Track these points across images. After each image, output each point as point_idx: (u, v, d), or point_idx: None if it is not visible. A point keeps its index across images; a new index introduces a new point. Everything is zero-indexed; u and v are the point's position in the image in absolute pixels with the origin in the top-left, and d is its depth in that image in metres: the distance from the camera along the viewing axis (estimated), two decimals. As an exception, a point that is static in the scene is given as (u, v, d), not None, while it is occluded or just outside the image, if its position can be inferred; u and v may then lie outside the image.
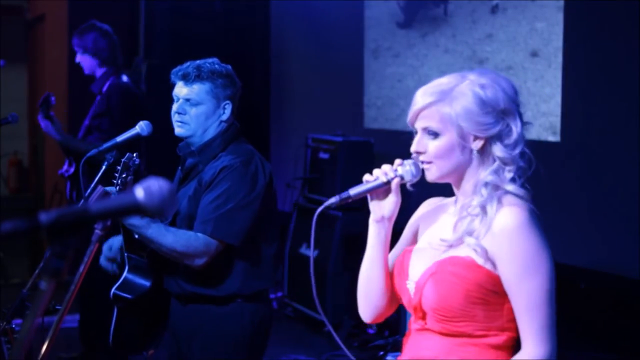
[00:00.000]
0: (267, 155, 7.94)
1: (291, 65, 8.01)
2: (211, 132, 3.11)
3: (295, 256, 6.32)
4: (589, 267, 4.78)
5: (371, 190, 2.13)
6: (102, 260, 3.21)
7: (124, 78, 5.16)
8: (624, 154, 4.62)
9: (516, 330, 2.02)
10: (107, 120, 4.98)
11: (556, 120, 5.01)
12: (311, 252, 2.19)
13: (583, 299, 4.72)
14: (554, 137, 5.02)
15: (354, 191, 2.11)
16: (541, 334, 1.97)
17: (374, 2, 6.83)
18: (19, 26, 9.76)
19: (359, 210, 5.97)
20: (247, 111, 7.25)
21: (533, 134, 5.05)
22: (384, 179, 2.11)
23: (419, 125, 2.10)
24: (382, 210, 2.15)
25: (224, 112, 3.12)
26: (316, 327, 5.89)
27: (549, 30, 5.07)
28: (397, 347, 4.98)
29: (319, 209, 2.10)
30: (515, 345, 2.03)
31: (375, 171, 2.14)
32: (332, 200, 2.10)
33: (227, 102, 3.12)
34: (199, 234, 2.96)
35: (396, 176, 2.11)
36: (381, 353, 5.25)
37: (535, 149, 2.12)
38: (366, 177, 2.14)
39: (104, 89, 5.05)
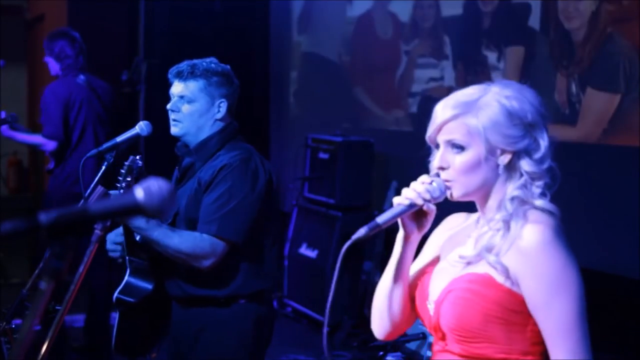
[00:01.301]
0: (267, 156, 7.94)
1: (291, 65, 8.01)
2: (207, 131, 3.09)
3: (295, 256, 6.32)
4: (588, 267, 4.77)
5: (401, 215, 1.98)
6: (109, 244, 3.17)
7: (80, 79, 5.46)
8: (623, 154, 4.61)
9: (540, 354, 1.92)
10: (44, 117, 5.32)
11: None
12: (334, 282, 1.95)
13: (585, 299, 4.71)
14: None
15: (382, 219, 1.94)
16: (573, 357, 1.87)
17: (375, 2, 6.83)
18: (19, 26, 9.77)
19: (359, 210, 5.98)
20: (247, 111, 7.25)
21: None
22: (420, 203, 1.96)
23: (441, 138, 1.98)
24: (415, 227, 2.04)
25: (218, 111, 3.09)
26: (315, 327, 5.89)
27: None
28: (397, 348, 4.98)
29: (348, 243, 1.92)
30: None
31: (408, 192, 1.98)
32: (361, 232, 1.92)
33: (223, 100, 3.09)
34: (204, 235, 2.93)
35: (432, 198, 1.97)
36: (381, 353, 5.24)
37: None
38: (397, 200, 1.98)
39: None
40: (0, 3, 9.51)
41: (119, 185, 2.93)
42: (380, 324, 2.16)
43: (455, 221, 2.18)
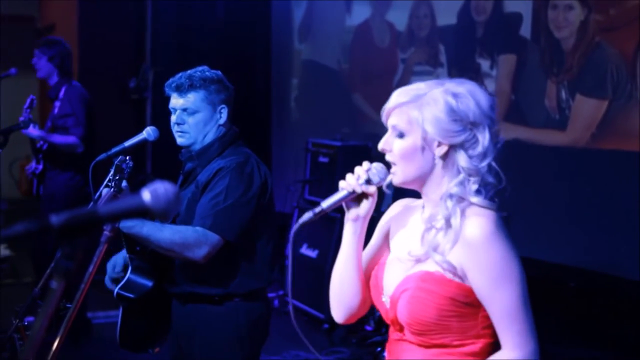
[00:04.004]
0: (269, 159, 7.95)
1: (292, 72, 8.02)
2: (210, 137, 3.10)
3: (295, 256, 6.32)
4: (578, 266, 4.78)
5: (343, 200, 2.07)
6: (107, 281, 3.17)
7: (76, 84, 5.67)
8: (611, 157, 4.62)
9: (492, 335, 1.98)
10: (72, 119, 5.45)
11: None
12: (290, 261, 2.12)
13: (573, 297, 4.72)
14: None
15: (326, 203, 2.05)
16: (519, 339, 1.92)
17: (375, 9, 6.84)
18: (31, 35, 9.77)
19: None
20: (250, 117, 7.27)
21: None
22: (358, 190, 2.06)
23: (389, 123, 2.07)
24: (357, 210, 2.11)
25: (220, 117, 3.10)
26: (315, 324, 5.89)
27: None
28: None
29: (295, 227, 2.04)
30: (492, 350, 1.99)
31: (349, 177, 2.09)
32: (307, 216, 2.03)
33: (223, 106, 3.10)
34: (197, 227, 2.92)
35: (372, 183, 2.07)
36: (379, 349, 5.25)
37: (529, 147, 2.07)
38: (342, 184, 2.09)
39: (61, 94, 5.55)
40: (12, 13, 9.52)
41: (109, 184, 2.93)
42: (337, 308, 2.20)
43: (400, 206, 2.23)
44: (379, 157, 2.13)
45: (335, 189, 2.16)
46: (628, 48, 4.50)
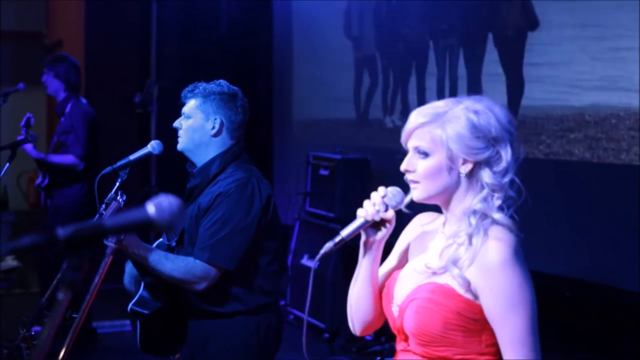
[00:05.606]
0: (270, 172, 7.96)
1: (293, 86, 8.03)
2: (204, 149, 3.08)
3: (296, 267, 6.32)
4: (573, 276, 4.78)
5: (362, 228, 2.05)
6: (126, 282, 3.18)
7: (83, 100, 5.68)
8: (616, 167, 4.62)
9: (495, 354, 1.96)
10: (72, 137, 5.48)
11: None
12: (310, 284, 2.08)
13: (568, 307, 4.71)
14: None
15: (345, 232, 2.04)
16: None
17: (375, 24, 6.86)
18: (38, 51, 9.80)
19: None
20: (252, 130, 7.27)
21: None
22: (377, 218, 2.03)
23: (410, 144, 2.03)
24: (374, 235, 2.09)
25: (213, 127, 3.06)
26: (316, 333, 5.88)
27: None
28: (393, 353, 4.96)
29: (317, 257, 2.05)
30: None
31: (366, 205, 2.05)
32: (328, 246, 2.03)
33: (217, 117, 3.06)
34: (197, 261, 2.93)
35: (388, 208, 2.04)
36: (378, 358, 5.24)
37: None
38: (359, 212, 2.06)
39: (67, 110, 5.58)
40: (21, 29, 9.55)
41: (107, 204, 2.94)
42: (354, 323, 2.22)
43: (423, 220, 2.20)
44: (378, 169, 2.12)
45: (334, 201, 2.15)
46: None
